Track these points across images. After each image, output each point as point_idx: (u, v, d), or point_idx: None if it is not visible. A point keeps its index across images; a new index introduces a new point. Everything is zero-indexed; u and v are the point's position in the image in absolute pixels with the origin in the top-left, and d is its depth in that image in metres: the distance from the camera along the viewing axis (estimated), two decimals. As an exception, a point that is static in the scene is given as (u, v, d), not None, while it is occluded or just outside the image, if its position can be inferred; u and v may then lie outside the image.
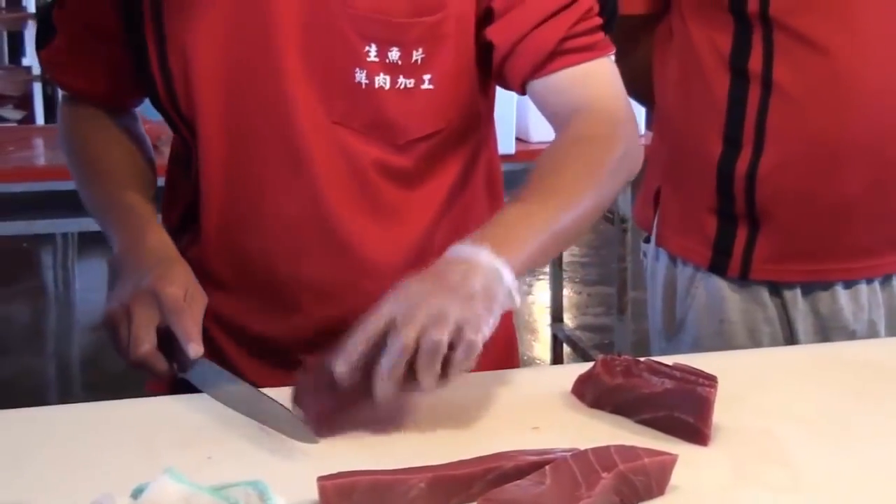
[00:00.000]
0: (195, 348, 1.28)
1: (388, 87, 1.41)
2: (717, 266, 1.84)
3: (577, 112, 1.44)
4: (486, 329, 1.18)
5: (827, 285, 1.84)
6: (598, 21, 1.46)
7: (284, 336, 1.50)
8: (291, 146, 1.42)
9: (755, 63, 1.75)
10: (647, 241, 1.99)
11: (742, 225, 1.81)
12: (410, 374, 1.16)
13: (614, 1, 1.49)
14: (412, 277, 1.22)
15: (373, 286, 1.46)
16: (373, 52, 1.40)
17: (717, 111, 1.79)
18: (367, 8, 1.39)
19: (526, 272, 1.29)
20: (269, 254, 1.47)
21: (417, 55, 1.41)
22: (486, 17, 1.44)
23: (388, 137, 1.44)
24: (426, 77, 1.42)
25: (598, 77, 1.47)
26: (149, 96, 1.52)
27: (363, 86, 1.40)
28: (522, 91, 1.49)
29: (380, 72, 1.40)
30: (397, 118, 1.43)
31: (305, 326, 1.48)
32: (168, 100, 1.47)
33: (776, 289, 1.84)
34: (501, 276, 1.22)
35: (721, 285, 1.85)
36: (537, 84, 1.46)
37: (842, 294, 1.84)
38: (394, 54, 1.40)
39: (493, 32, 1.44)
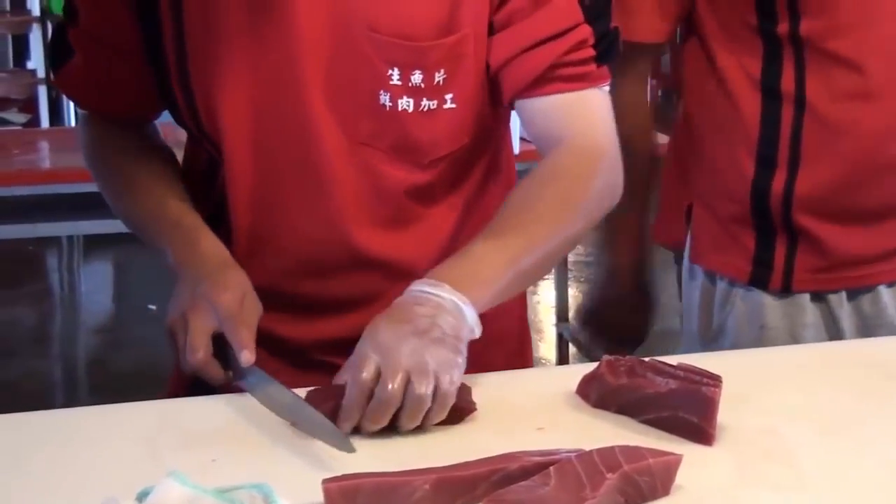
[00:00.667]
0: (247, 356, 1.30)
1: (411, 109, 1.42)
2: (758, 280, 1.83)
3: (560, 142, 1.46)
4: (456, 375, 1.23)
5: (870, 287, 1.84)
6: (592, 53, 1.46)
7: (309, 340, 1.51)
8: (315, 170, 1.43)
9: (787, 83, 1.74)
10: (680, 260, 1.97)
11: (781, 240, 1.81)
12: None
13: (613, 34, 1.49)
14: (380, 318, 1.27)
15: (400, 291, 1.47)
16: (395, 75, 1.40)
17: (748, 132, 1.78)
18: (389, 33, 1.39)
19: (488, 308, 1.34)
20: (294, 273, 1.49)
21: (439, 76, 1.41)
22: (489, 30, 1.45)
23: (414, 157, 1.46)
24: (448, 97, 1.43)
25: (585, 107, 1.47)
26: (169, 111, 1.51)
27: (387, 108, 1.41)
28: (511, 107, 1.50)
29: (403, 94, 1.41)
30: (422, 138, 1.44)
31: (330, 331, 1.50)
32: (190, 118, 1.47)
33: (818, 294, 1.83)
34: (463, 313, 1.27)
35: (761, 294, 1.84)
36: (525, 104, 1.47)
37: (884, 292, 1.84)
38: (416, 77, 1.40)
39: (487, 48, 1.44)
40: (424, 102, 1.42)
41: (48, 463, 1.17)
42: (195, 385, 1.37)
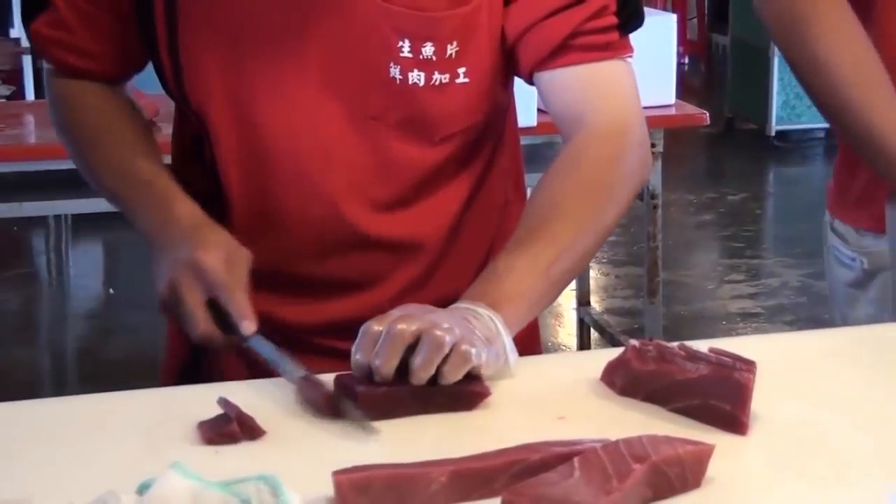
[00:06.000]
0: (248, 325, 1.34)
1: (422, 83, 1.43)
2: None
3: (581, 121, 1.46)
4: (481, 351, 1.24)
5: None
6: (614, 20, 1.46)
7: (310, 323, 1.53)
8: (314, 145, 1.44)
9: None
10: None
11: None
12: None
13: (635, 1, 1.49)
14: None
15: (404, 274, 1.48)
16: (406, 47, 1.41)
17: None
18: (401, 2, 1.40)
19: (524, 325, 1.37)
20: (294, 253, 1.50)
21: (452, 49, 1.42)
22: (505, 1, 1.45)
23: (424, 134, 1.46)
24: (461, 70, 1.44)
25: (607, 79, 1.48)
26: (158, 77, 1.51)
27: (397, 81, 1.42)
28: (529, 81, 1.50)
29: (413, 68, 1.42)
30: (433, 114, 1.45)
31: (332, 314, 1.52)
32: (176, 86, 1.47)
33: None
34: (500, 331, 1.30)
35: None
36: (544, 76, 1.48)
37: None
38: (428, 49, 1.41)
39: (504, 18, 1.45)
40: (436, 76, 1.43)
41: (39, 455, 1.18)
42: (187, 372, 1.38)
